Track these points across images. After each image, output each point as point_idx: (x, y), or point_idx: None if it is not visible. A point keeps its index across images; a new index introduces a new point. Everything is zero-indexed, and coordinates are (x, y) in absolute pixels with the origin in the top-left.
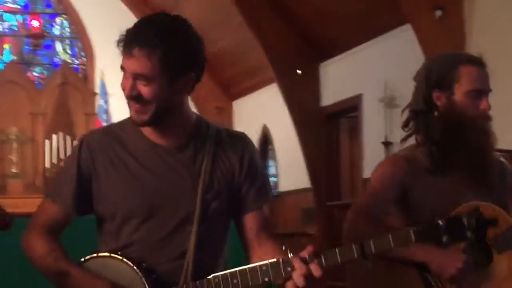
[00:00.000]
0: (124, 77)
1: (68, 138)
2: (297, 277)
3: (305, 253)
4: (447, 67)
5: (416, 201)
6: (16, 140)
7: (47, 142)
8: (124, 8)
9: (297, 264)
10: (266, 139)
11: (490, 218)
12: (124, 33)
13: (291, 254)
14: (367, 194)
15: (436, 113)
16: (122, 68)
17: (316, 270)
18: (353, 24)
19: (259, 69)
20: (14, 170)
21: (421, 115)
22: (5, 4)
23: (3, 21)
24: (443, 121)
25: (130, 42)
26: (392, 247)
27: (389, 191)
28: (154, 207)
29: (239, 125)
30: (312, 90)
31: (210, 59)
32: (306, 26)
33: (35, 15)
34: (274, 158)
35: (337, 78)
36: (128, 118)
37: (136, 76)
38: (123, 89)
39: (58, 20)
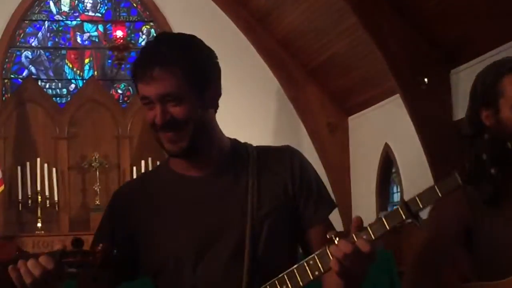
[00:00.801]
0: (148, 109)
1: (158, 163)
2: (343, 257)
3: (352, 230)
4: (490, 79)
5: (483, 240)
6: (99, 167)
7: (134, 169)
8: (220, 13)
9: (342, 244)
10: (388, 160)
11: None
12: (135, 62)
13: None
14: (425, 241)
15: (486, 136)
16: (144, 98)
17: (363, 246)
18: (490, 22)
19: (378, 78)
20: (97, 202)
21: (469, 139)
22: (85, 13)
23: (83, 32)
24: (493, 145)
25: (146, 65)
26: (440, 195)
27: (451, 235)
28: (204, 242)
29: (355, 144)
30: (442, 101)
31: (320, 68)
32: (433, 26)
33: (118, 24)
34: (399, 184)
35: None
36: (160, 164)
37: (163, 99)
38: (153, 121)
39: (144, 29)
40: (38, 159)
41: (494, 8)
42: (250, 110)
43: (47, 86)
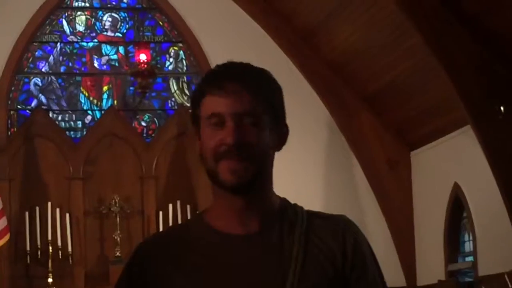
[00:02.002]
0: (213, 130)
1: (188, 208)
2: None
3: None
4: None
5: None
6: (120, 213)
7: (161, 214)
8: (260, 31)
9: None
10: (458, 203)
11: None
12: (207, 75)
13: None
14: None
15: None
16: (213, 115)
17: None
18: None
19: (446, 106)
20: (118, 254)
21: None
22: (103, 33)
23: (101, 55)
24: None
25: (224, 78)
26: None
27: None
28: None
29: (419, 184)
30: None
31: (377, 94)
32: (506, 45)
33: (141, 45)
34: (471, 231)
35: None
36: (193, 218)
37: (239, 117)
38: (217, 144)
39: (172, 50)
40: (49, 203)
41: None
42: (299, 140)
43: (59, 118)
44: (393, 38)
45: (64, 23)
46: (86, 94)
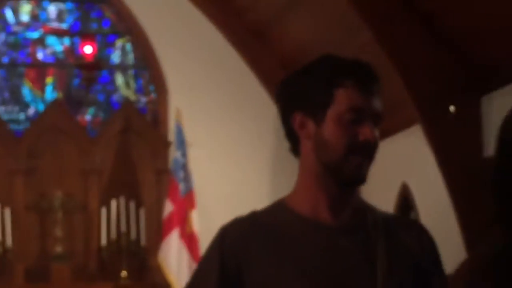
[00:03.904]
0: (349, 124)
1: (132, 204)
2: None
3: None
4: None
5: None
6: (62, 208)
7: (103, 210)
8: (208, 25)
9: None
10: (406, 204)
11: None
12: (345, 68)
13: None
14: None
15: None
16: (356, 110)
17: None
18: None
19: (395, 105)
20: (59, 250)
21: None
22: (48, 24)
23: (45, 46)
24: None
25: (370, 75)
26: None
27: None
28: None
29: (367, 183)
30: (470, 133)
31: None
32: (463, 43)
33: (87, 37)
34: None
35: None
36: (276, 204)
37: (375, 118)
38: (355, 138)
39: (118, 43)
40: None
41: None
42: (245, 140)
43: (1, 110)
44: (344, 35)
45: (8, 12)
46: (30, 86)
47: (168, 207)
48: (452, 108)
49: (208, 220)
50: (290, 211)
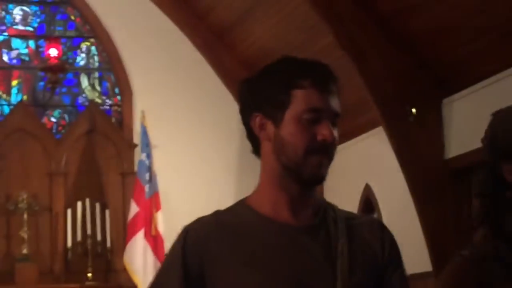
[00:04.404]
0: (306, 125)
1: (97, 206)
2: None
3: None
4: None
5: None
6: (28, 209)
7: (69, 212)
8: (172, 27)
9: None
10: (368, 204)
11: None
12: (303, 69)
13: None
14: None
15: (509, 194)
16: (314, 110)
17: None
18: (488, 46)
19: (358, 107)
20: (24, 251)
21: (489, 199)
22: (13, 27)
23: (10, 49)
24: None
25: (328, 75)
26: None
27: None
28: None
29: (330, 185)
30: (432, 136)
31: None
32: (424, 47)
33: (52, 40)
34: None
35: (467, 119)
36: (237, 204)
37: (333, 118)
38: (313, 139)
39: (83, 46)
40: None
41: (494, 30)
42: (210, 141)
43: None
44: (307, 38)
45: None
46: None
47: (134, 209)
48: (414, 111)
49: (174, 221)
50: (252, 211)
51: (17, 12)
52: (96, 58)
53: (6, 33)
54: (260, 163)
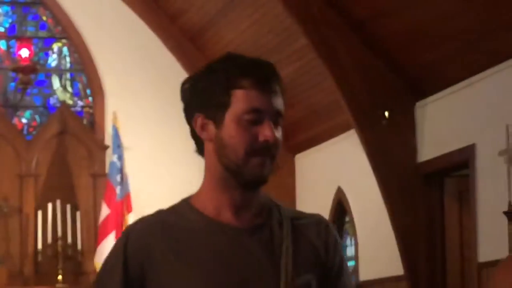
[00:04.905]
0: (247, 125)
1: (68, 207)
2: None
3: None
4: None
5: None
6: None
7: (39, 213)
8: (145, 29)
9: None
10: (341, 207)
11: None
12: (243, 68)
13: None
14: None
15: None
16: (255, 111)
17: None
18: (462, 49)
19: (331, 110)
20: None
21: None
22: None
23: None
24: None
25: (269, 75)
26: None
27: None
28: None
29: (302, 188)
30: (404, 139)
31: None
32: (397, 51)
33: (23, 40)
34: (353, 235)
35: (440, 123)
36: (180, 204)
37: (276, 118)
38: (254, 140)
39: (55, 47)
40: None
41: (467, 35)
42: (181, 143)
43: None
44: (280, 41)
45: None
46: None
47: (105, 211)
48: (386, 114)
49: None
50: (195, 210)
51: None
52: (68, 59)
53: None
54: (204, 163)
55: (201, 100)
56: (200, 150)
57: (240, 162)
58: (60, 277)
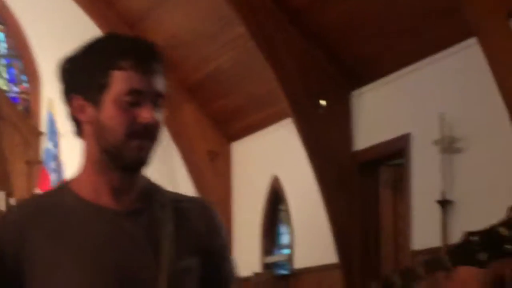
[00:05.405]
0: (126, 107)
1: (2, 194)
2: None
3: None
4: None
5: None
6: None
7: None
8: (82, 15)
9: None
10: (276, 196)
11: None
12: (122, 48)
13: None
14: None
15: None
16: (134, 92)
17: None
18: (397, 39)
19: (268, 98)
20: None
21: None
22: None
23: None
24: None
25: (148, 55)
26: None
27: None
28: (111, 286)
29: (239, 176)
30: (340, 128)
31: (200, 85)
32: (334, 40)
33: None
34: (288, 223)
35: (376, 112)
36: (59, 187)
37: (156, 99)
38: (133, 122)
39: None
40: None
41: (402, 25)
42: None
43: None
44: (218, 28)
45: None
46: None
47: None
48: (322, 103)
49: None
50: (73, 194)
51: None
52: (3, 44)
53: None
54: (83, 146)
55: (79, 81)
56: (79, 132)
57: (119, 145)
58: None
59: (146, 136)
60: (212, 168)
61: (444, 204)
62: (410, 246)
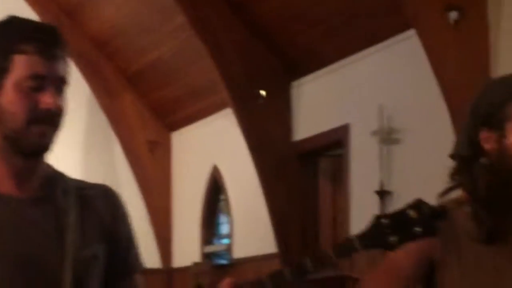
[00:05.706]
0: (28, 92)
1: None
2: None
3: None
4: (497, 99)
5: (449, 279)
6: None
7: None
8: (21, 4)
9: None
10: (216, 185)
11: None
12: (26, 28)
13: None
14: (381, 271)
15: (483, 160)
16: (36, 77)
17: None
18: (337, 30)
19: (207, 88)
20: None
21: (465, 162)
22: None
23: None
24: (491, 172)
25: (50, 40)
26: (335, 259)
27: (411, 269)
28: (14, 275)
29: (179, 166)
30: (280, 118)
31: (140, 74)
32: (273, 30)
33: None
34: (228, 213)
35: (315, 102)
36: None
37: (58, 84)
38: (33, 107)
39: None
40: None
41: (342, 17)
42: None
43: None
44: (159, 18)
45: None
46: None
47: None
48: (263, 93)
49: None
50: None
51: None
52: None
53: None
54: None
55: None
56: None
57: (19, 130)
58: None
59: (48, 121)
60: (152, 157)
61: (383, 194)
62: (348, 235)
